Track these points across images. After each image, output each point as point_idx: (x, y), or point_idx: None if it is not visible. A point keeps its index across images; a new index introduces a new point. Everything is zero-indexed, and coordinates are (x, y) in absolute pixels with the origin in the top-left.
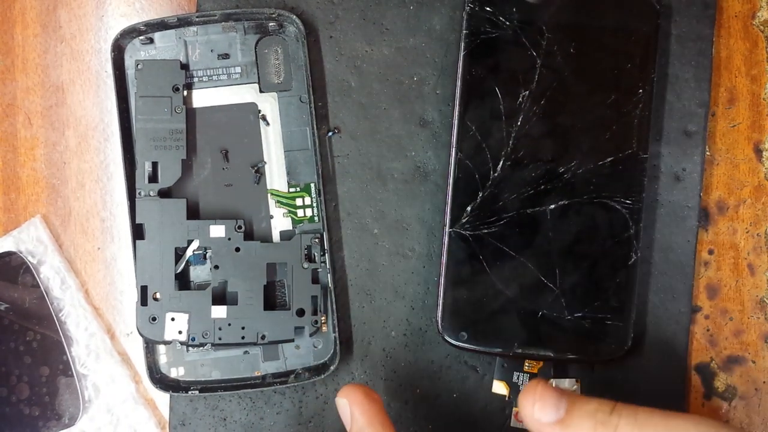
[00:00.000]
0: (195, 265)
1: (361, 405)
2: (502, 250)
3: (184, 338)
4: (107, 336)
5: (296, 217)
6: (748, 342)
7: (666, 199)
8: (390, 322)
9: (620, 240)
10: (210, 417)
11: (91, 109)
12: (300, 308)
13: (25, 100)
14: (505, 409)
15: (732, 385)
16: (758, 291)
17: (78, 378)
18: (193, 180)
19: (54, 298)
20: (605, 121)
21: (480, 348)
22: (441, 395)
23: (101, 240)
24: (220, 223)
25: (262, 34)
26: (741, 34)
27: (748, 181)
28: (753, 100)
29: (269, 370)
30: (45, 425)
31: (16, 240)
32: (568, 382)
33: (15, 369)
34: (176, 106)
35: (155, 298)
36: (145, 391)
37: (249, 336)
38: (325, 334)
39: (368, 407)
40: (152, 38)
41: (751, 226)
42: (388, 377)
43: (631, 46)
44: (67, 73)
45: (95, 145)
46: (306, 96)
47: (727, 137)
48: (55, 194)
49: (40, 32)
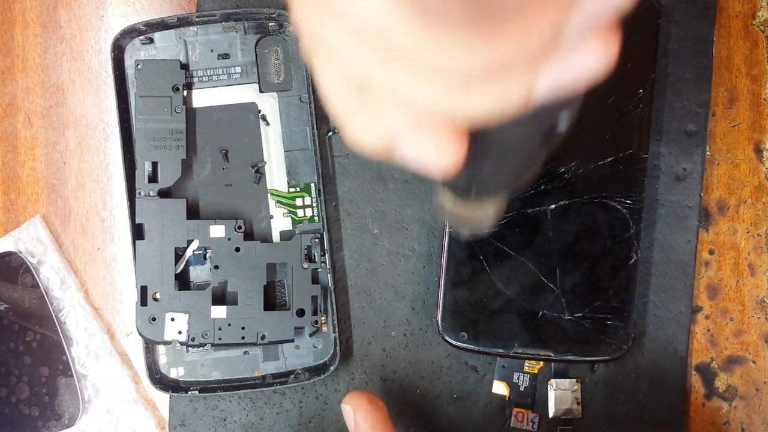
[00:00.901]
0: (195, 265)
1: (365, 411)
2: (502, 250)
3: (183, 338)
4: (107, 336)
5: (296, 217)
6: (748, 342)
7: (666, 199)
8: (390, 322)
9: (621, 240)
10: (210, 417)
11: (91, 109)
12: (300, 308)
13: (25, 100)
14: (505, 410)
15: (732, 385)
16: (759, 291)
17: (78, 378)
18: (193, 180)
19: (54, 298)
20: (606, 121)
21: (480, 348)
22: (441, 395)
23: (101, 240)
24: (220, 223)
25: (262, 34)
26: (741, 34)
27: (749, 181)
28: (753, 100)
29: (269, 371)
30: (45, 425)
31: (16, 240)
32: (568, 382)
33: (15, 369)
34: (176, 106)
35: (155, 298)
36: (144, 392)
37: (249, 336)
38: (325, 334)
39: (371, 414)
40: (152, 38)
41: (752, 226)
42: (388, 377)
43: (631, 46)
44: (67, 73)
45: (95, 145)
46: (306, 96)
47: (728, 137)
48: (55, 194)
49: (40, 32)
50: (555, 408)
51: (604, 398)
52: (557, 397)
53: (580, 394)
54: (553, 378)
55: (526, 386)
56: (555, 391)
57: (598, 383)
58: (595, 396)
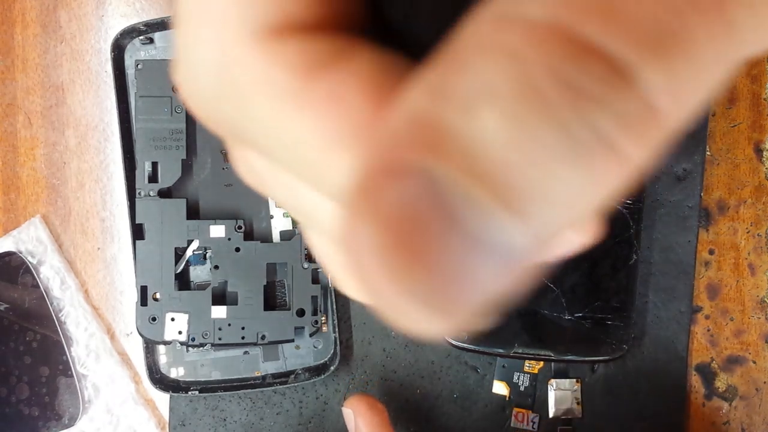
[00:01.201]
0: (195, 265)
1: (365, 415)
2: None
3: (184, 338)
4: (107, 336)
5: None
6: (748, 342)
7: (666, 199)
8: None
9: (621, 240)
10: (210, 417)
11: (91, 109)
12: (300, 308)
13: (25, 100)
14: (505, 409)
15: (732, 385)
16: (759, 291)
17: (78, 378)
18: (193, 180)
19: (54, 298)
20: None
21: (480, 348)
22: (441, 395)
23: (101, 240)
24: (220, 223)
25: None
26: None
27: (749, 181)
28: (753, 100)
29: (269, 371)
30: (45, 425)
31: (16, 240)
32: (568, 382)
33: (15, 369)
34: (176, 106)
35: (155, 298)
36: (145, 392)
37: (249, 336)
38: (325, 334)
39: (371, 418)
40: (152, 38)
41: (752, 226)
42: (388, 377)
43: None
44: (67, 73)
45: (95, 145)
46: None
47: (728, 137)
48: (55, 194)
49: (40, 32)
50: (555, 408)
51: (604, 398)
52: (557, 397)
53: (580, 394)
54: (553, 378)
55: (526, 386)
56: (555, 391)
57: (598, 383)
58: (595, 396)
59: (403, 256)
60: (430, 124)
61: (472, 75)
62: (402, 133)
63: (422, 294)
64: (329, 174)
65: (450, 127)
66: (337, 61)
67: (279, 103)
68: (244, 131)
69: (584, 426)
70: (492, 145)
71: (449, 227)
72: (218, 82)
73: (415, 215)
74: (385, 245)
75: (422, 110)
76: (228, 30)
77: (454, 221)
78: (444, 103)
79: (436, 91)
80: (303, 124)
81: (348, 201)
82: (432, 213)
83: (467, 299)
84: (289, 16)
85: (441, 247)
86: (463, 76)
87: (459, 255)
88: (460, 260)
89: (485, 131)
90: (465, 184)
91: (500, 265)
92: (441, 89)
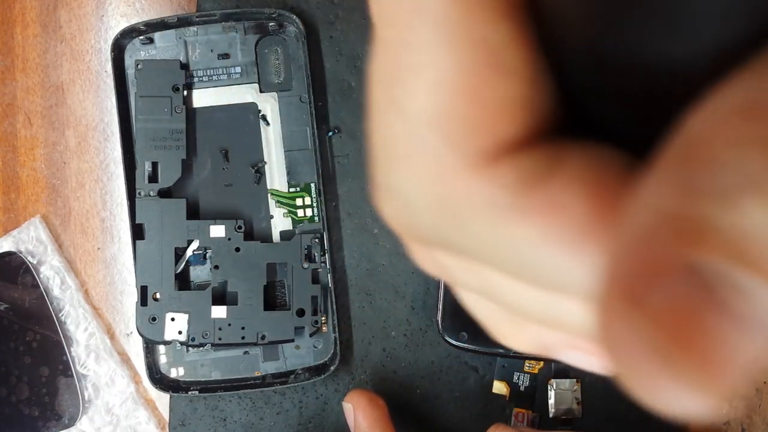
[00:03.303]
0: (195, 265)
1: (365, 410)
2: None
3: (184, 338)
4: (107, 336)
5: (296, 217)
6: None
7: None
8: (390, 322)
9: None
10: (210, 417)
11: (91, 109)
12: (300, 308)
13: (25, 100)
14: (505, 409)
15: None
16: None
17: (78, 378)
18: (193, 180)
19: (54, 298)
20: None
21: (480, 348)
22: (441, 395)
23: (101, 240)
24: (220, 223)
25: (262, 34)
26: None
27: None
28: None
29: (269, 371)
30: (45, 425)
31: (16, 240)
32: (568, 382)
33: (15, 369)
34: (176, 106)
35: (155, 298)
36: (145, 392)
37: (249, 336)
38: (325, 334)
39: (371, 412)
40: (152, 38)
41: None
42: (388, 377)
43: None
44: (67, 73)
45: (95, 145)
46: (306, 96)
47: None
48: (55, 194)
49: (40, 32)
50: (555, 408)
51: (604, 398)
52: (557, 397)
53: (580, 394)
54: (553, 378)
55: (526, 386)
56: (555, 391)
57: (598, 383)
58: (595, 396)
59: (680, 348)
60: (687, 219)
61: (726, 168)
62: (654, 230)
63: (698, 381)
64: (562, 273)
65: (710, 221)
66: (552, 169)
67: (503, 220)
68: (456, 245)
69: (584, 426)
70: (762, 232)
71: (722, 315)
72: (438, 212)
73: (688, 308)
74: (658, 339)
75: (672, 206)
76: (445, 168)
77: (726, 309)
78: (697, 199)
79: (685, 186)
80: (529, 234)
81: (605, 298)
82: (705, 304)
83: (736, 377)
84: (500, 139)
85: (717, 335)
86: (714, 170)
87: (733, 339)
88: (734, 344)
89: (752, 220)
90: (736, 272)
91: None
92: (690, 185)
